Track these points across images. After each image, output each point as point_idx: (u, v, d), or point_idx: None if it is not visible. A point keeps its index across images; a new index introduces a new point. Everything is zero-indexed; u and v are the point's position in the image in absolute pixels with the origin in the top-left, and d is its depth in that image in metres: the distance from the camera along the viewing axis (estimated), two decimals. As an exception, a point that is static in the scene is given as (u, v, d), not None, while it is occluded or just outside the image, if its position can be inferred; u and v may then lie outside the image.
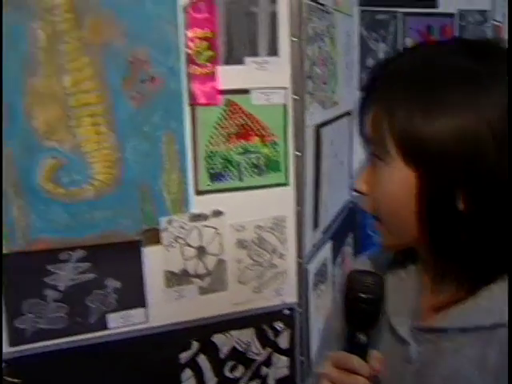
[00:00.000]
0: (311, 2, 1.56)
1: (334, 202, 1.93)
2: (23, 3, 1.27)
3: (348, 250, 2.18)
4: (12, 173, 1.32)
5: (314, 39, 1.60)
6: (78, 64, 1.33)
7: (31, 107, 1.31)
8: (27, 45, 1.29)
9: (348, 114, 2.07)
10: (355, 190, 0.86)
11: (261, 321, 1.59)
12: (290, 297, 1.61)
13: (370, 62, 2.16)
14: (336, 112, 1.89)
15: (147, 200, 1.43)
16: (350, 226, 2.21)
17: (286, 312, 1.60)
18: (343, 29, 1.95)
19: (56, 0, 1.29)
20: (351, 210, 2.19)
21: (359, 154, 2.14)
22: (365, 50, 2.14)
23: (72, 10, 1.30)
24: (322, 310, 1.82)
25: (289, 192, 1.54)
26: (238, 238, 1.52)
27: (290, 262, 1.59)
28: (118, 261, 1.42)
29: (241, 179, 1.50)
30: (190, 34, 1.39)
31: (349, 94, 2.06)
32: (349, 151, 2.14)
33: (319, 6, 1.64)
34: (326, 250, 1.82)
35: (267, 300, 1.58)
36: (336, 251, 1.95)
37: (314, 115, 1.63)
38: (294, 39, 1.48)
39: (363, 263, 0.98)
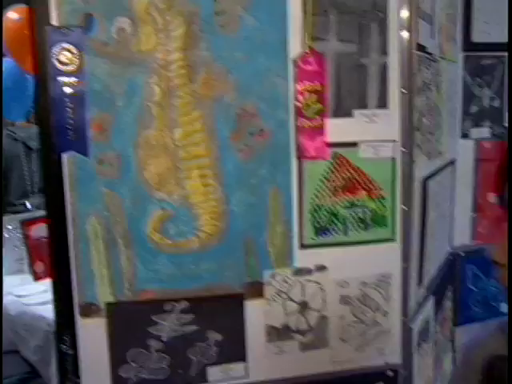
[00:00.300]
0: (420, 52, 1.52)
1: (436, 256, 1.85)
2: (141, 59, 1.31)
3: (448, 304, 2.07)
4: (123, 223, 1.34)
5: (422, 89, 1.56)
6: (189, 117, 1.35)
7: (143, 159, 1.34)
8: (142, 99, 1.32)
9: (451, 163, 1.99)
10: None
11: (362, 382, 1.53)
12: (393, 357, 1.53)
13: (474, 108, 2.08)
14: (440, 162, 1.82)
15: (251, 253, 1.42)
16: (450, 280, 2.10)
17: (390, 374, 1.52)
18: (447, 76, 1.90)
19: (171, 56, 1.32)
20: (451, 262, 2.09)
21: (461, 203, 2.05)
22: (468, 96, 2.06)
23: (186, 65, 1.33)
24: (424, 370, 1.72)
25: (395, 248, 1.49)
26: (342, 294, 1.47)
27: (394, 321, 1.52)
28: (221, 313, 1.41)
29: (346, 234, 1.46)
30: (299, 87, 1.38)
31: (452, 143, 1.99)
32: (450, 201, 2.05)
33: (427, 55, 1.60)
34: (429, 307, 1.74)
35: (369, 359, 1.52)
36: (437, 307, 1.86)
37: (421, 167, 1.57)
38: (404, 91, 1.44)
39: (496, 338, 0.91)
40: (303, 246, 1.44)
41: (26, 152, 3.57)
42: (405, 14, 1.41)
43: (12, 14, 2.78)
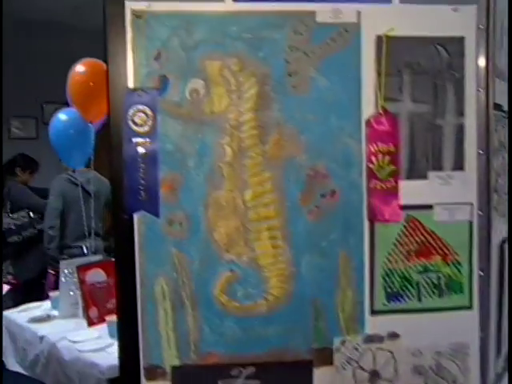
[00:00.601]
0: (497, 111, 1.47)
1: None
2: (213, 120, 1.31)
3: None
4: (190, 284, 1.32)
5: (498, 150, 1.50)
6: (259, 178, 1.33)
7: (213, 220, 1.32)
8: (213, 159, 1.32)
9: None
10: None
11: None
12: (470, 433, 1.43)
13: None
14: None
15: (320, 318, 1.37)
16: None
17: None
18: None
19: (243, 117, 1.32)
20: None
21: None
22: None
23: (257, 126, 1.32)
24: None
25: (472, 316, 1.41)
26: (415, 363, 1.40)
27: (471, 394, 1.43)
28: (288, 380, 1.36)
29: (420, 300, 1.39)
30: (372, 148, 1.35)
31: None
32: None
33: (503, 113, 1.54)
34: (506, 379, 1.63)
35: None
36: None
37: (497, 230, 1.50)
38: (481, 152, 1.39)
39: None
40: (374, 312, 1.38)
41: (83, 196, 3.64)
42: (481, 73, 1.37)
43: (79, 67, 2.87)
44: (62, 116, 3.18)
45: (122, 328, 1.35)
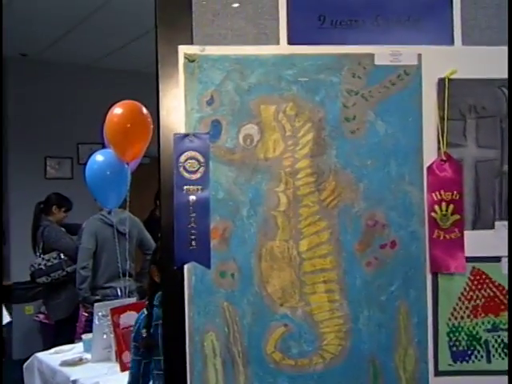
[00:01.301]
0: None
1: None
2: (267, 167, 1.25)
3: None
4: (242, 340, 1.25)
5: None
6: (315, 228, 1.26)
7: (266, 271, 1.25)
8: (267, 207, 1.26)
9: None
10: None
11: None
12: None
13: None
14: None
15: (379, 377, 1.27)
16: None
17: None
18: None
19: (299, 163, 1.26)
20: None
21: None
22: None
23: (313, 173, 1.26)
24: None
25: (547, 379, 1.30)
26: (484, 431, 1.29)
27: None
28: None
29: (489, 361, 1.29)
30: (434, 196, 1.28)
31: None
32: None
33: None
34: None
35: None
36: None
37: None
38: (551, 200, 1.30)
39: None
40: (439, 373, 1.28)
41: (117, 236, 3.62)
42: (550, 116, 1.30)
43: (116, 109, 2.87)
44: (97, 156, 3.18)
45: (168, 385, 1.27)
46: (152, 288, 2.16)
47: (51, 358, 3.12)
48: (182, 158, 1.24)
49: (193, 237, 1.23)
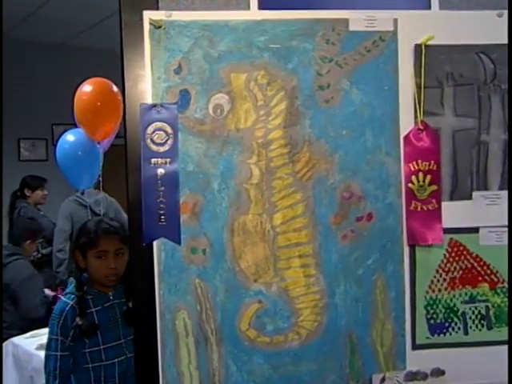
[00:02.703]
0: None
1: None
2: (239, 138, 1.20)
3: None
4: (215, 318, 1.21)
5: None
6: (289, 201, 1.22)
7: (239, 246, 1.21)
8: (239, 180, 1.21)
9: None
10: None
11: None
12: None
13: None
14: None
15: (356, 353, 1.25)
16: None
17: None
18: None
19: (272, 135, 1.21)
20: None
21: None
22: None
23: (287, 144, 1.21)
24: None
25: (524, 350, 1.28)
26: (462, 403, 1.27)
27: None
28: (323, 423, 1.23)
29: (466, 333, 1.27)
30: (411, 166, 1.24)
31: None
32: None
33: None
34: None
35: None
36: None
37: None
38: (529, 169, 1.27)
39: None
40: (417, 347, 1.26)
41: (92, 217, 3.55)
42: (529, 83, 1.27)
43: (85, 86, 2.78)
44: (68, 136, 3.09)
45: (139, 366, 1.23)
46: (78, 273, 1.90)
47: (27, 342, 3.05)
48: (149, 130, 1.19)
49: (162, 212, 1.18)
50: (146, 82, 1.19)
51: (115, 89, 2.78)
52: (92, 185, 3.26)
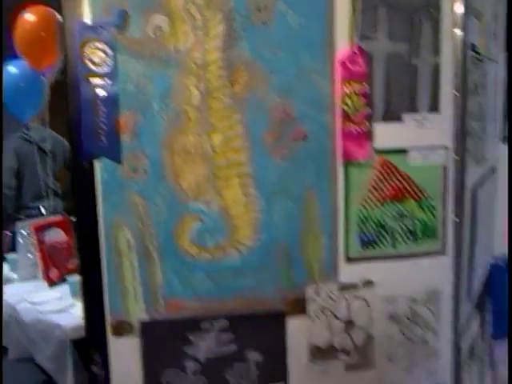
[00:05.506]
0: (472, 52, 1.42)
1: (481, 269, 1.74)
2: (178, 59, 1.21)
3: (488, 318, 1.96)
4: (157, 235, 1.25)
5: (472, 92, 1.46)
6: (228, 122, 1.26)
7: (179, 166, 1.25)
8: (179, 101, 1.23)
9: (493, 169, 1.88)
10: None
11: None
12: (443, 378, 1.43)
13: (515, 111, 1.97)
14: (484, 169, 1.72)
15: (292, 266, 1.32)
16: (489, 292, 1.99)
17: (438, 395, 1.42)
18: (491, 77, 1.79)
19: (210, 56, 1.23)
20: (490, 273, 1.98)
21: (502, 212, 1.94)
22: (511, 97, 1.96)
23: (225, 66, 1.24)
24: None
25: (446, 262, 1.38)
26: (389, 311, 1.37)
27: (444, 339, 1.42)
28: (261, 332, 1.31)
29: (394, 246, 1.36)
30: (345, 88, 1.29)
31: (494, 148, 1.88)
32: (491, 210, 1.94)
33: (478, 55, 1.50)
34: (476, 323, 1.63)
35: (418, 381, 1.42)
36: (481, 322, 1.75)
37: (471, 175, 1.47)
38: (457, 93, 1.34)
39: None
40: (349, 260, 1.34)
41: (39, 154, 3.49)
42: (459, 10, 1.31)
43: (26, 15, 2.68)
44: (10, 68, 3.00)
45: (85, 284, 1.27)
46: None
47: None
48: (88, 50, 1.19)
49: (101, 131, 1.20)
50: (84, 2, 1.18)
51: (59, 17, 2.70)
52: (34, 113, 3.19)
